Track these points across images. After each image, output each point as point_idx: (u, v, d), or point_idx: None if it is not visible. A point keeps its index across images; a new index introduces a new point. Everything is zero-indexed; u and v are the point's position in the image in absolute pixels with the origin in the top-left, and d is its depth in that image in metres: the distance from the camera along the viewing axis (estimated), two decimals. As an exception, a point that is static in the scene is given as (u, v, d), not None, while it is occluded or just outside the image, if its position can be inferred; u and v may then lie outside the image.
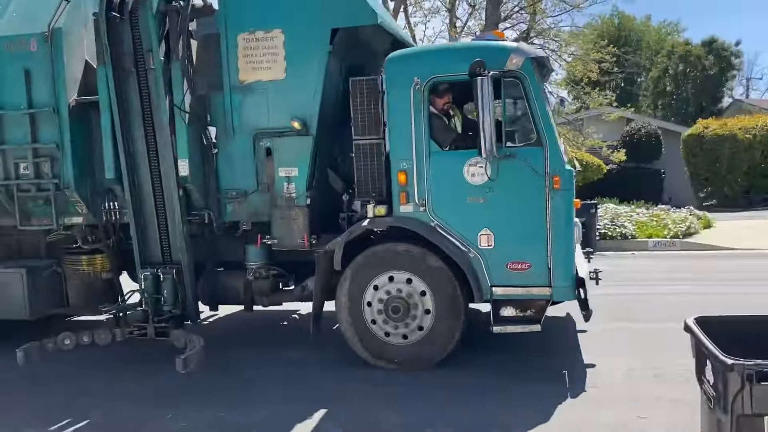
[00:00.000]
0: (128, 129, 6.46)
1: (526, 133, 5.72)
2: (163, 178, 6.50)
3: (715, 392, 3.17)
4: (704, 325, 3.52)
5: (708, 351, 3.23)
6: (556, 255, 5.68)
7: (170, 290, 6.53)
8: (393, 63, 5.93)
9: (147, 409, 5.40)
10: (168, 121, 6.30)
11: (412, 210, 5.93)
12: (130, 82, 6.43)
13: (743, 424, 2.98)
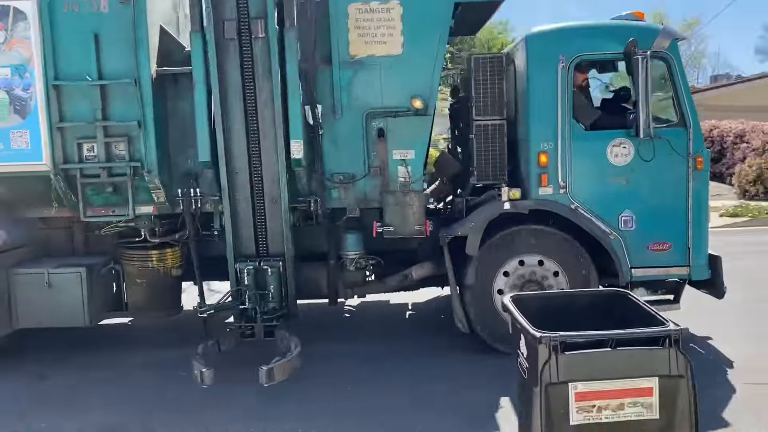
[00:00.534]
0: (226, 106, 5.72)
1: (670, 114, 5.74)
2: (265, 161, 5.82)
3: (528, 364, 3.37)
4: (520, 303, 3.71)
5: (521, 326, 3.42)
6: (695, 234, 5.75)
7: (276, 285, 5.85)
8: (536, 39, 5.72)
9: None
10: (277, 97, 5.64)
11: (552, 192, 5.75)
12: (230, 52, 5.68)
13: (551, 391, 3.18)
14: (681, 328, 3.24)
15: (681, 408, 3.25)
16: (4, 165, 5.68)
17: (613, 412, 3.24)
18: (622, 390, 3.23)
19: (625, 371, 3.23)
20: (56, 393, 5.55)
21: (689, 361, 3.23)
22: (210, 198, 6.02)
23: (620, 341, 3.23)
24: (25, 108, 5.63)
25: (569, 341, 3.20)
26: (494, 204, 5.80)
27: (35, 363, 6.21)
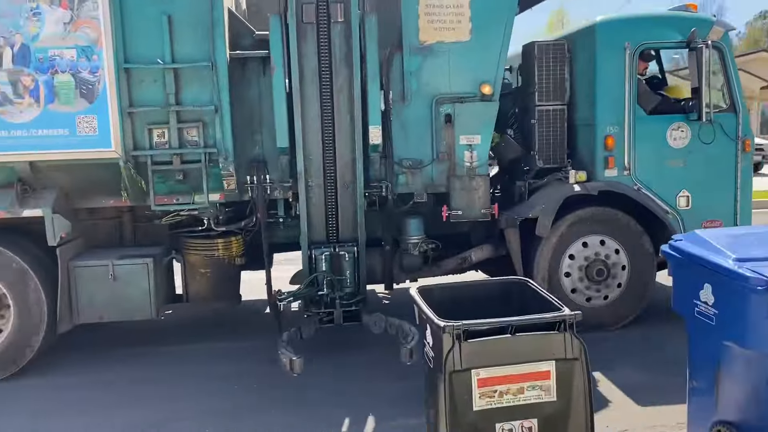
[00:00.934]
0: (303, 91, 5.65)
1: (722, 100, 6.14)
2: (338, 146, 5.80)
3: (433, 353, 3.49)
4: (426, 293, 3.80)
5: (426, 316, 3.52)
6: (743, 212, 6.19)
7: (351, 270, 5.84)
8: (605, 27, 5.96)
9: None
10: (356, 83, 5.63)
11: (617, 174, 6.04)
12: (308, 36, 5.61)
13: (454, 378, 3.29)
14: (575, 313, 3.39)
15: (576, 389, 3.41)
16: (70, 152, 5.39)
17: (514, 396, 3.37)
18: (521, 374, 3.36)
19: (524, 356, 3.36)
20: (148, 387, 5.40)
21: (583, 345, 3.38)
22: (280, 185, 5.95)
23: (520, 327, 3.35)
24: (92, 92, 5.35)
25: (472, 329, 3.29)
26: (564, 186, 6.03)
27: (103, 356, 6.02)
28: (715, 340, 3.57)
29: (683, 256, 3.72)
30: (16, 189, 5.41)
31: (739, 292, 3.26)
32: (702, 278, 3.61)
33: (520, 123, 6.50)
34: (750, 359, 3.38)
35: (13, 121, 5.30)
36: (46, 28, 5.26)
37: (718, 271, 3.43)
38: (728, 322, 3.46)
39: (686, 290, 3.73)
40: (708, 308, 3.58)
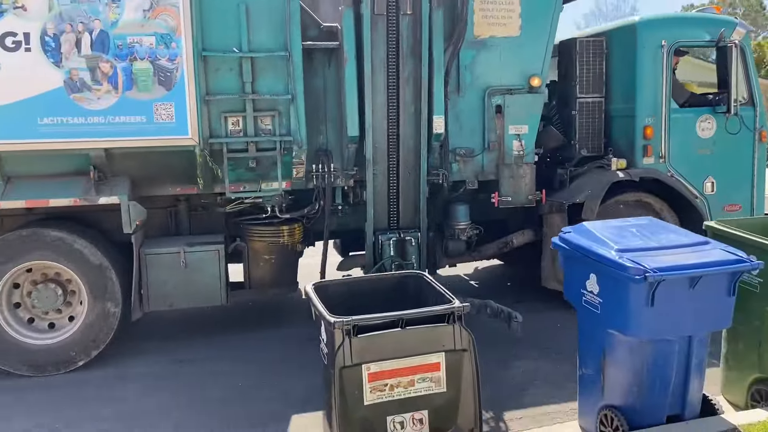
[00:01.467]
0: (373, 80, 5.85)
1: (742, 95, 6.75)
2: (402, 135, 6.03)
3: (327, 349, 3.50)
4: (324, 290, 3.81)
5: (319, 312, 3.51)
6: (758, 195, 6.83)
7: (416, 255, 6.09)
8: (645, 27, 6.44)
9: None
10: (424, 74, 5.87)
11: (654, 162, 6.55)
12: (378, 27, 5.81)
13: (345, 374, 3.32)
14: (464, 305, 3.48)
15: (465, 379, 3.50)
16: (147, 140, 5.39)
17: (405, 389, 3.42)
18: (412, 367, 3.42)
19: (415, 349, 3.41)
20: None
21: (471, 336, 3.48)
22: (343, 173, 6.13)
23: (410, 320, 3.39)
24: (170, 79, 5.37)
25: (363, 324, 3.31)
26: (608, 172, 6.48)
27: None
28: (600, 328, 3.81)
29: (571, 248, 3.97)
30: (92, 176, 5.37)
31: (621, 282, 3.54)
32: (588, 268, 3.84)
33: (560, 114, 6.91)
34: (632, 346, 3.69)
35: (90, 107, 5.27)
36: (126, 15, 5.25)
37: (601, 261, 3.68)
38: (611, 310, 3.70)
39: (575, 280, 3.96)
40: (594, 297, 3.82)
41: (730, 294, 3.74)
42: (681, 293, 3.59)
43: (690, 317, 3.68)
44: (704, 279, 3.60)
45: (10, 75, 5.10)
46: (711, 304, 3.71)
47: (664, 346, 3.72)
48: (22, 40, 5.10)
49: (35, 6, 5.11)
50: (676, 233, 4.09)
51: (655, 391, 3.80)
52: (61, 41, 5.16)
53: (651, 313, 3.56)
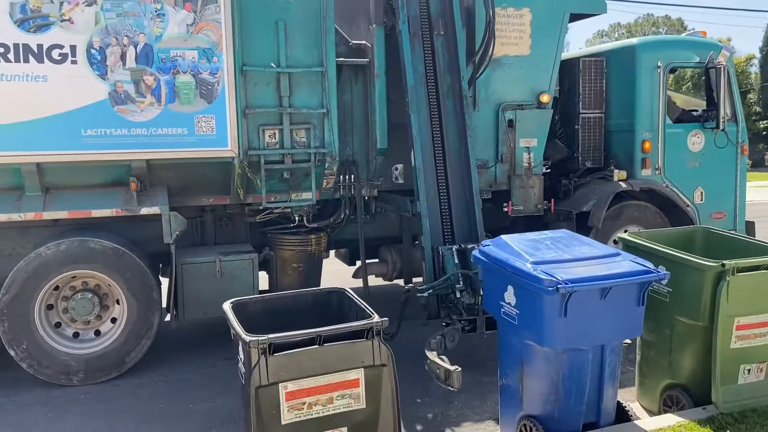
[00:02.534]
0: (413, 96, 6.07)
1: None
2: (447, 147, 6.16)
3: (244, 368, 3.38)
4: (240, 308, 3.73)
5: (235, 332, 3.41)
6: (740, 205, 7.47)
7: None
8: (643, 49, 6.99)
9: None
10: (465, 87, 6.14)
11: (651, 173, 7.07)
12: (415, 46, 6.09)
13: (261, 393, 3.22)
14: (382, 320, 3.42)
15: (385, 395, 3.45)
16: (188, 151, 5.50)
17: (323, 407, 3.34)
18: (330, 384, 3.34)
19: (333, 365, 3.33)
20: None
21: (390, 351, 3.43)
22: (369, 183, 6.37)
23: (329, 337, 3.31)
24: (212, 92, 5.51)
25: (280, 342, 3.22)
26: (611, 183, 6.96)
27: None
28: (518, 339, 3.93)
29: (490, 260, 4.09)
30: (134, 187, 5.43)
31: (535, 293, 3.65)
32: (506, 281, 3.94)
33: (563, 128, 7.36)
34: (548, 356, 3.78)
35: (134, 119, 5.35)
36: (169, 29, 5.37)
37: (517, 273, 3.78)
38: (528, 321, 3.81)
39: (494, 292, 4.08)
40: (511, 309, 3.93)
41: (639, 303, 3.87)
42: (593, 304, 3.70)
43: (602, 327, 3.80)
44: (614, 290, 3.73)
45: (56, 87, 5.14)
46: (622, 314, 3.83)
47: (578, 355, 3.82)
48: (69, 52, 5.16)
49: (82, 19, 5.17)
50: (590, 246, 4.20)
51: (571, 400, 3.88)
52: (106, 54, 5.24)
53: (564, 323, 3.66)
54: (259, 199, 5.97)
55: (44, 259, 5.29)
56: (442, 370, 4.44)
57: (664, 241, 4.64)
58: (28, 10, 5.05)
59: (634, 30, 47.90)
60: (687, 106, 7.95)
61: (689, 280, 4.18)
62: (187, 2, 5.39)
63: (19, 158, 5.18)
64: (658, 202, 7.16)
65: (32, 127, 5.14)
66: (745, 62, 32.03)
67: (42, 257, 5.29)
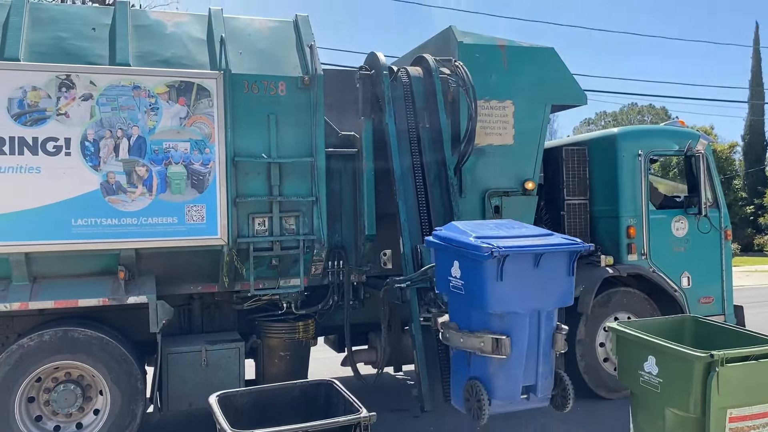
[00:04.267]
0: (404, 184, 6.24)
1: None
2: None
3: None
4: (226, 400, 3.84)
5: (220, 427, 3.49)
6: (727, 289, 7.49)
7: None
8: (624, 138, 7.22)
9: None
10: (452, 177, 6.32)
11: (637, 259, 7.14)
12: (401, 139, 6.28)
13: None
14: (370, 415, 3.48)
15: None
16: (177, 240, 5.55)
17: None
18: None
19: None
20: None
21: None
22: (357, 269, 6.40)
23: None
24: (203, 182, 5.63)
25: None
26: (599, 269, 7.00)
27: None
28: (464, 308, 4.48)
29: (440, 240, 4.75)
30: (122, 276, 5.44)
31: (476, 261, 4.26)
32: (452, 256, 4.54)
33: (549, 214, 7.48)
34: (489, 321, 4.33)
35: (124, 209, 5.43)
36: (163, 122, 5.55)
37: (462, 246, 4.39)
38: (471, 290, 4.37)
39: (444, 270, 4.69)
40: (458, 281, 4.49)
41: (569, 273, 4.45)
42: (527, 271, 4.27)
43: (536, 293, 4.35)
44: (545, 258, 4.32)
45: (49, 178, 5.25)
46: (554, 282, 4.39)
47: (516, 319, 4.34)
48: (63, 145, 5.30)
49: (78, 113, 5.35)
50: (527, 228, 4.81)
51: (512, 362, 4.36)
52: (100, 146, 5.39)
53: (501, 287, 4.22)
54: (247, 286, 5.97)
55: (26, 351, 5.21)
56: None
57: (654, 330, 4.67)
58: (25, 105, 5.24)
59: (619, 118, 49.40)
60: (671, 192, 8.14)
61: (679, 371, 4.17)
62: (180, 97, 5.59)
63: (9, 248, 5.21)
64: (647, 288, 7.20)
65: (23, 217, 5.21)
66: (728, 150, 32.88)
67: (24, 348, 5.21)
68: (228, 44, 5.94)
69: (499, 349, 4.35)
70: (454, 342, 4.70)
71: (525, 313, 4.33)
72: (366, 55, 6.82)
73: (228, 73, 5.68)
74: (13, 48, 5.35)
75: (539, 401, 4.66)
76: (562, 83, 7.15)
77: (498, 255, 4.11)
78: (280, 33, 6.29)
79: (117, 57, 5.56)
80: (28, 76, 5.27)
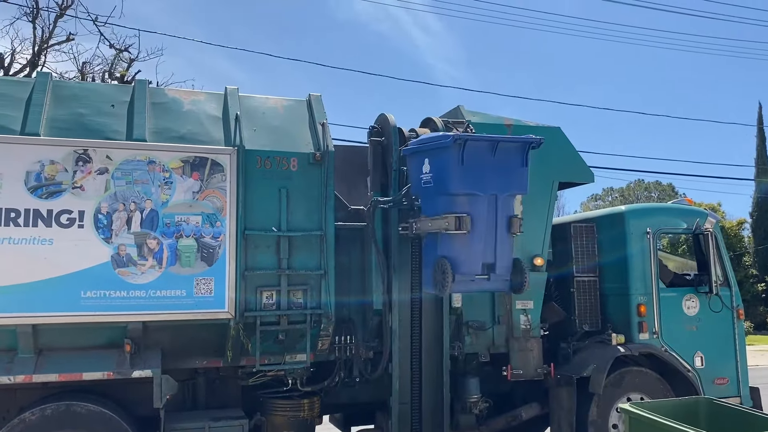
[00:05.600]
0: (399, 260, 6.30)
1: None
2: (425, 309, 6.37)
3: None
4: None
5: None
6: (741, 370, 7.33)
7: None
8: (632, 216, 7.26)
9: None
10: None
11: (648, 338, 7.03)
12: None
13: None
14: None
15: None
16: (185, 313, 5.53)
17: None
18: None
19: None
20: None
21: None
22: (365, 344, 6.33)
23: None
24: (213, 255, 5.66)
25: None
26: (609, 347, 6.89)
27: None
28: (433, 198, 5.37)
29: (413, 145, 5.79)
30: (128, 349, 5.40)
31: (441, 150, 5.21)
32: (423, 156, 5.52)
33: (558, 291, 7.43)
34: (453, 203, 5.22)
35: (134, 281, 5.45)
36: (176, 196, 5.64)
37: (430, 142, 5.47)
38: (438, 178, 5.27)
39: (417, 173, 5.63)
40: (428, 176, 5.42)
41: (523, 165, 5.44)
42: (485, 157, 5.25)
43: (493, 178, 5.28)
44: (501, 147, 5.35)
45: (60, 249, 5.30)
46: (509, 171, 5.35)
47: (476, 201, 5.25)
48: (77, 217, 5.38)
49: (93, 186, 5.45)
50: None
51: (473, 241, 5.25)
52: (112, 219, 5.46)
53: (462, 171, 5.14)
54: (252, 361, 5.90)
55: (28, 425, 5.12)
56: None
57: (668, 412, 4.57)
58: (42, 178, 5.35)
59: (626, 194, 49.69)
60: (680, 269, 8.09)
61: (695, 455, 4.04)
62: (194, 171, 5.71)
63: (17, 320, 5.20)
64: (659, 368, 7.05)
65: (33, 288, 5.23)
66: (737, 226, 32.84)
67: (26, 423, 5.13)
68: (243, 121, 6.10)
69: (461, 226, 5.27)
70: (424, 228, 5.59)
71: (484, 195, 5.25)
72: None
73: (242, 148, 5.82)
74: (34, 124, 5.51)
75: (499, 283, 5.56)
76: (568, 161, 7.25)
77: (460, 141, 5.13)
78: (294, 111, 6.47)
79: (134, 133, 5.72)
80: (47, 151, 5.42)
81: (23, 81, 6.58)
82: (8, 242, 5.20)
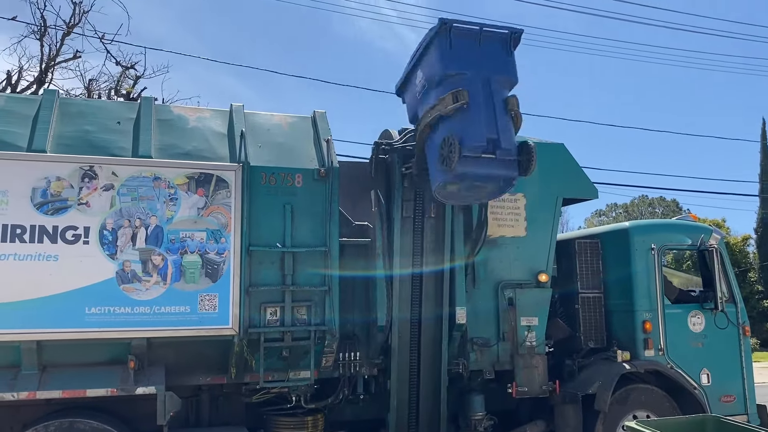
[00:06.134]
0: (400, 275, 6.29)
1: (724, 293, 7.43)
2: (424, 325, 6.35)
3: None
4: None
5: None
6: (748, 387, 7.27)
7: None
8: (636, 232, 7.25)
9: None
10: (447, 269, 6.36)
11: (654, 354, 6.99)
12: (405, 227, 6.37)
13: None
14: None
15: None
16: (189, 329, 5.53)
17: None
18: None
19: None
20: None
21: None
22: (368, 361, 6.31)
23: None
24: (217, 271, 5.66)
25: None
26: (616, 364, 6.85)
27: None
28: (427, 95, 5.85)
29: (404, 75, 6.24)
30: (132, 366, 5.38)
31: (432, 45, 5.79)
32: (416, 67, 6.00)
33: (563, 307, 7.40)
34: (449, 83, 5.62)
35: (138, 298, 5.45)
36: (181, 212, 5.66)
37: (421, 51, 5.93)
38: (430, 74, 5.76)
39: (412, 86, 6.12)
40: (421, 83, 5.91)
41: (508, 54, 5.79)
42: (472, 45, 5.65)
43: (483, 63, 5.65)
44: (485, 34, 5.70)
45: (65, 266, 5.31)
46: (496, 58, 5.72)
47: (469, 80, 5.56)
48: (82, 233, 5.40)
49: (98, 203, 5.48)
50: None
51: (473, 112, 5.49)
52: (118, 235, 5.47)
53: (452, 54, 5.58)
54: (256, 378, 5.89)
55: (30, 442, 5.11)
56: None
57: (674, 430, 4.54)
58: (48, 195, 5.38)
59: (630, 210, 49.60)
60: (686, 286, 8.05)
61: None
62: (200, 187, 5.73)
63: (21, 336, 5.20)
64: (665, 385, 7.00)
65: (37, 305, 5.23)
66: (742, 242, 32.71)
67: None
68: (248, 138, 6.14)
69: (458, 98, 5.51)
70: (427, 118, 5.79)
71: (476, 75, 5.56)
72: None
73: (247, 165, 5.84)
74: (41, 140, 5.55)
75: (506, 163, 5.60)
76: (572, 178, 7.26)
77: (447, 24, 5.56)
78: (299, 128, 6.50)
79: (140, 149, 5.75)
80: (53, 167, 5.45)
81: (30, 98, 6.64)
82: (14, 258, 5.22)
